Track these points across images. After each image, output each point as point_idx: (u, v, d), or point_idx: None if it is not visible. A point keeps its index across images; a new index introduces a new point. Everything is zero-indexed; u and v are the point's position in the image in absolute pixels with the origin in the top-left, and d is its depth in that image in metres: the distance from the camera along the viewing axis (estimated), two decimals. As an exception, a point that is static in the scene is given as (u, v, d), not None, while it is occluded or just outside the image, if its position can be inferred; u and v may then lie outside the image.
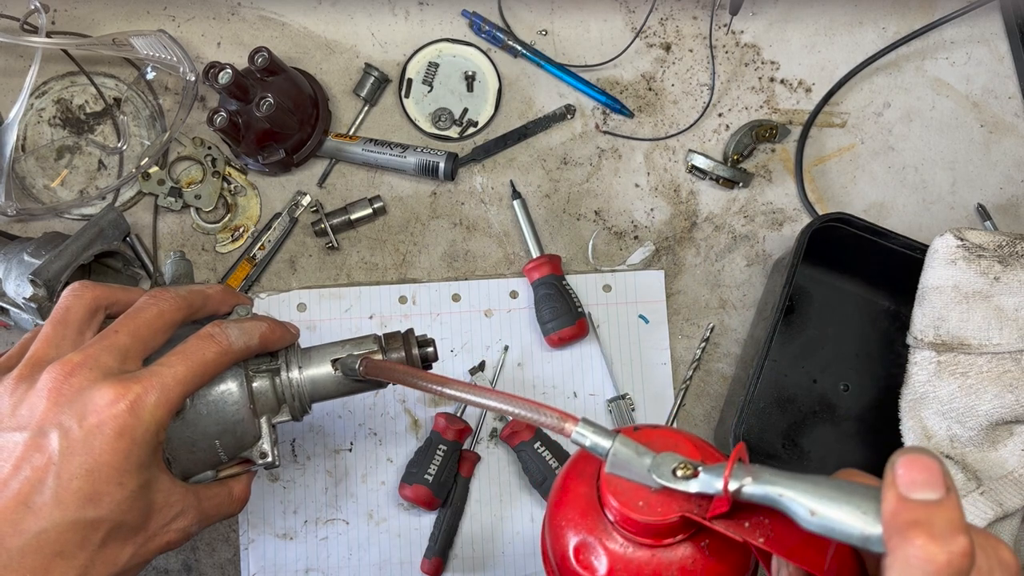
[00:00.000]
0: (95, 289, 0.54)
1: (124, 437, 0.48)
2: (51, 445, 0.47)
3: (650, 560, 0.44)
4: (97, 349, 0.50)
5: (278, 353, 0.59)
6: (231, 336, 0.54)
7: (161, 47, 0.79)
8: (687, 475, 0.41)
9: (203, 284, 0.59)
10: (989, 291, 0.69)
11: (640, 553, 0.44)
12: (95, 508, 0.47)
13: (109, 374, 0.49)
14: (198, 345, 0.53)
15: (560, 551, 0.46)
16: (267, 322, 0.57)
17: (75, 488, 0.47)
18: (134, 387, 0.49)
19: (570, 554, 0.45)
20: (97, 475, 0.47)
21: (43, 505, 0.46)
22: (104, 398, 0.48)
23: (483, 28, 0.83)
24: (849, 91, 0.85)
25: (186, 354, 0.52)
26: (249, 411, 0.56)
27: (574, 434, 0.44)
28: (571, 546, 0.45)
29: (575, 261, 0.82)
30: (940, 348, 0.69)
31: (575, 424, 0.45)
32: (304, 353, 0.59)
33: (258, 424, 0.57)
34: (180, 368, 0.51)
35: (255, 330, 0.56)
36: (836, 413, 0.79)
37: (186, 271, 0.66)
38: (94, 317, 0.54)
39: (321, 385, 0.58)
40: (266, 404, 0.57)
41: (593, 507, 0.45)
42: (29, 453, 0.47)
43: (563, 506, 0.47)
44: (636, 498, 0.42)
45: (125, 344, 0.51)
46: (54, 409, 0.48)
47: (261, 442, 0.57)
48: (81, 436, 0.47)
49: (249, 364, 0.57)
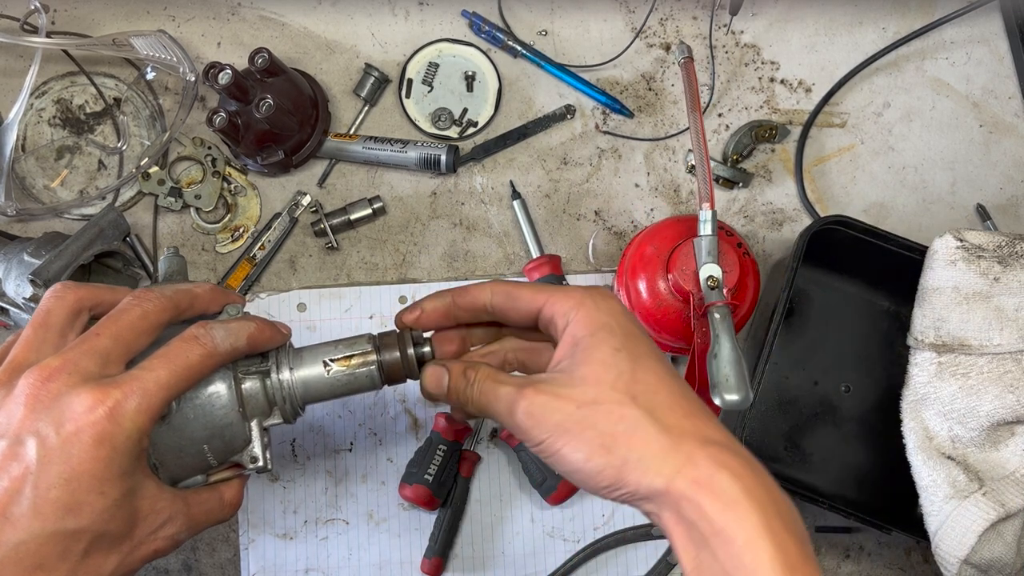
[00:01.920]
0: (78, 290, 0.52)
1: (104, 444, 0.46)
2: (28, 454, 0.46)
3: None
4: (77, 353, 0.49)
5: (269, 354, 0.57)
6: (217, 337, 0.52)
7: (161, 47, 0.79)
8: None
9: (192, 283, 0.57)
10: (989, 292, 0.69)
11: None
12: (75, 518, 0.46)
13: (88, 379, 0.48)
14: (181, 347, 0.51)
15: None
16: (255, 322, 0.55)
17: (53, 498, 0.45)
18: (113, 392, 0.47)
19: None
20: (76, 484, 0.46)
21: (21, 516, 0.45)
22: (82, 404, 0.46)
23: (483, 28, 0.83)
24: (849, 91, 0.85)
25: (169, 357, 0.50)
26: (238, 414, 0.54)
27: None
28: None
29: (575, 261, 0.82)
30: (941, 349, 0.69)
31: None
32: (296, 353, 0.57)
33: (248, 427, 0.55)
34: (162, 372, 0.49)
35: (242, 330, 0.54)
36: (838, 414, 0.79)
37: (179, 268, 0.64)
38: (76, 319, 0.52)
39: (313, 387, 0.56)
40: (256, 407, 0.55)
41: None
42: (6, 462, 0.46)
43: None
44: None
45: (106, 347, 0.49)
46: (31, 416, 0.46)
47: (252, 446, 0.55)
48: (58, 444, 0.46)
49: (239, 365, 0.55)
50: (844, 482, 0.77)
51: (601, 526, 0.78)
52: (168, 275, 0.64)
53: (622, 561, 0.77)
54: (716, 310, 0.64)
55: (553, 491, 0.75)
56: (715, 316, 0.64)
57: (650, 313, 0.70)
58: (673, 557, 0.77)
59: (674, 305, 0.69)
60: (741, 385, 0.61)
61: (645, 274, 0.70)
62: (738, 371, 0.61)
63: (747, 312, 0.71)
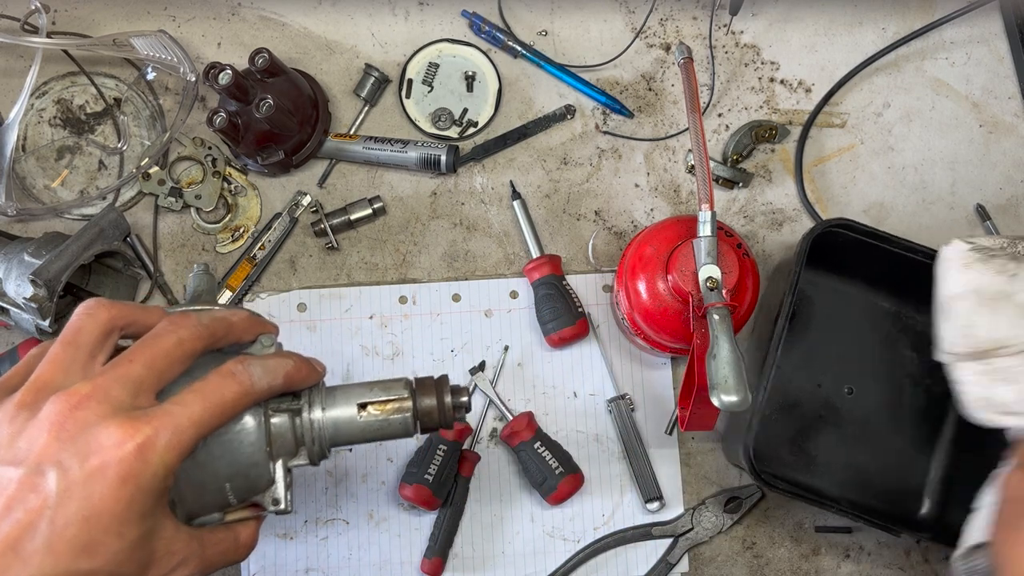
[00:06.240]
0: (111, 308, 0.50)
1: (128, 483, 0.44)
2: (48, 486, 0.43)
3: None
4: (108, 380, 0.46)
5: (301, 391, 0.54)
6: (254, 375, 0.50)
7: (161, 47, 0.79)
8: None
9: (226, 310, 0.55)
10: (1010, 289, 0.67)
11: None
12: (89, 559, 0.43)
13: (119, 410, 0.45)
14: (218, 383, 0.49)
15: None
16: (293, 359, 0.53)
17: (70, 536, 0.43)
18: (144, 428, 0.45)
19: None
20: (95, 523, 0.43)
21: (33, 552, 0.43)
22: (111, 438, 0.44)
23: (483, 28, 0.83)
24: (849, 91, 0.85)
25: (204, 393, 0.48)
26: (265, 453, 0.52)
27: None
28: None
29: (575, 261, 0.82)
30: (978, 356, 0.67)
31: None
32: (329, 393, 0.55)
33: (273, 468, 0.53)
34: (196, 408, 0.47)
35: (280, 368, 0.52)
36: (841, 417, 0.78)
37: (208, 287, 0.62)
38: (107, 339, 0.49)
39: (344, 428, 0.54)
40: (283, 446, 0.53)
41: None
42: (23, 493, 0.43)
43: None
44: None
45: (139, 376, 0.47)
46: (55, 445, 0.44)
47: (275, 487, 0.53)
48: (81, 478, 0.43)
49: (269, 402, 0.53)
50: (848, 484, 0.77)
51: (601, 526, 0.78)
52: (196, 294, 0.61)
53: (622, 561, 0.78)
54: (715, 311, 0.64)
55: (553, 491, 0.75)
56: (714, 317, 0.64)
57: (649, 314, 0.70)
58: (673, 556, 0.77)
59: (673, 306, 0.69)
60: (740, 386, 0.61)
61: (644, 275, 0.70)
62: (737, 372, 0.61)
63: (746, 313, 0.71)
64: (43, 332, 0.71)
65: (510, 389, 0.79)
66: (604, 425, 0.79)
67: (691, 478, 0.79)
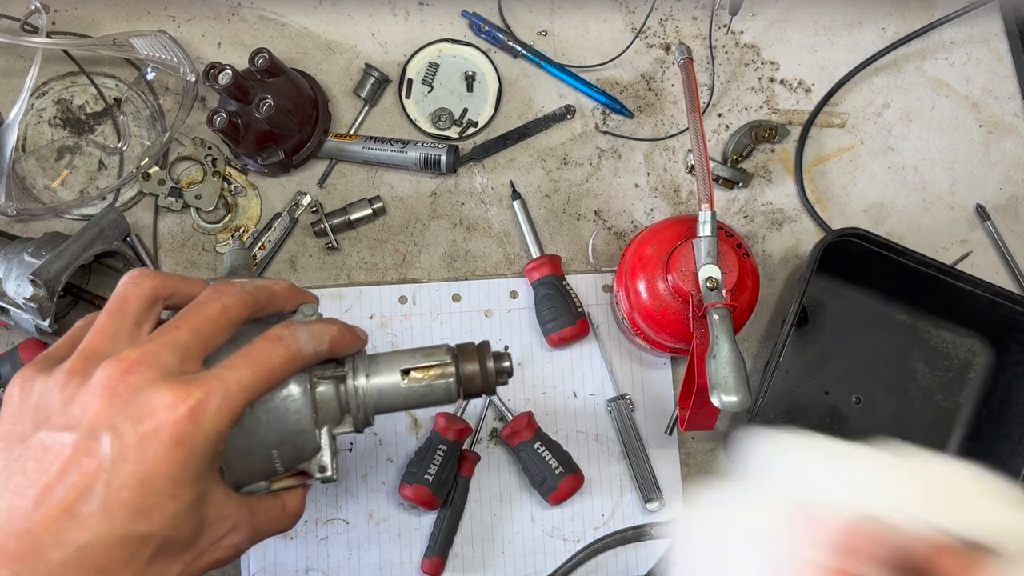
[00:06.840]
0: (155, 278, 0.50)
1: (182, 446, 0.44)
2: (102, 449, 0.43)
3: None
4: (157, 346, 0.46)
5: (344, 359, 0.55)
6: (301, 340, 0.50)
7: (161, 47, 0.79)
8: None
9: (270, 280, 0.55)
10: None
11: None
12: (145, 522, 0.44)
13: (168, 374, 0.46)
14: (265, 348, 0.49)
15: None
16: (337, 325, 0.53)
17: (125, 499, 0.43)
18: (195, 391, 0.45)
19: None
20: (150, 486, 0.44)
21: (89, 515, 0.43)
22: (163, 401, 0.44)
23: (483, 28, 0.83)
24: (849, 91, 0.85)
25: (252, 357, 0.48)
26: (311, 420, 0.52)
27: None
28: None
29: (575, 261, 0.82)
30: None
31: None
32: (372, 360, 0.55)
33: (319, 435, 0.53)
34: (245, 372, 0.47)
35: (325, 334, 0.52)
36: (847, 426, 0.78)
37: (244, 262, 0.62)
38: (152, 308, 0.50)
39: (388, 395, 0.54)
40: (328, 413, 0.53)
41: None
42: (78, 457, 0.43)
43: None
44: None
45: (186, 342, 0.47)
46: (108, 409, 0.44)
47: (321, 454, 0.53)
48: (135, 441, 0.44)
49: (314, 370, 0.53)
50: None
51: (601, 526, 0.78)
52: (233, 269, 0.62)
53: (622, 561, 0.78)
54: (715, 311, 0.64)
55: (553, 491, 0.75)
56: (714, 317, 0.64)
57: (649, 314, 0.70)
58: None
59: (673, 306, 0.69)
60: (740, 386, 0.61)
61: (644, 275, 0.70)
62: (737, 372, 0.61)
63: (746, 313, 0.71)
64: (43, 332, 0.71)
65: (510, 389, 0.79)
66: (604, 425, 0.79)
67: (691, 478, 0.79)
